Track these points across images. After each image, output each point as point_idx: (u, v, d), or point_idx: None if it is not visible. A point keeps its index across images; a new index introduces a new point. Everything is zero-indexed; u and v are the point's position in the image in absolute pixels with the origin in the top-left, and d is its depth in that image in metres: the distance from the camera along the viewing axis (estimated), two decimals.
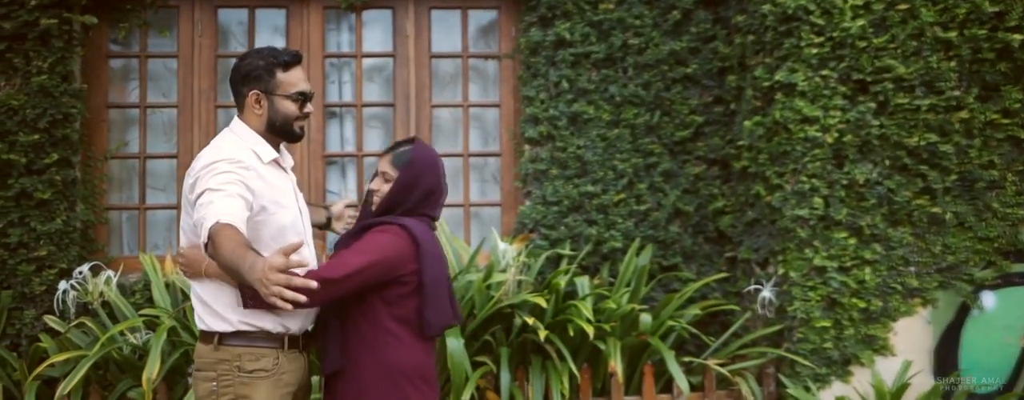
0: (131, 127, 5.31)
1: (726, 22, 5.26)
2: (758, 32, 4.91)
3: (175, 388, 4.45)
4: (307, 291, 2.25)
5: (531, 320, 4.49)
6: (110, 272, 4.56)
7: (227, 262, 2.31)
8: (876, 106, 4.74)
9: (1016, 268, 4.91)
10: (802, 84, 4.70)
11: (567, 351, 4.46)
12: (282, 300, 2.19)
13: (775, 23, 4.78)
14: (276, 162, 2.83)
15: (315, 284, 2.22)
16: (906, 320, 4.86)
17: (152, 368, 4.04)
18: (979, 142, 4.80)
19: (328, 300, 2.64)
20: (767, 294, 4.81)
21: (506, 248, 4.65)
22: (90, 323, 4.51)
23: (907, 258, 4.82)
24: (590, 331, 4.38)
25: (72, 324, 4.55)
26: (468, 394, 4.29)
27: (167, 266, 4.68)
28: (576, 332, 4.49)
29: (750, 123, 4.90)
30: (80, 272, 4.53)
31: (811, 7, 4.70)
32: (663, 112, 5.30)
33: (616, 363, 4.46)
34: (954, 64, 4.76)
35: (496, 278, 4.68)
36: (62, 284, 4.52)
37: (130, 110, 5.30)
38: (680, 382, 4.48)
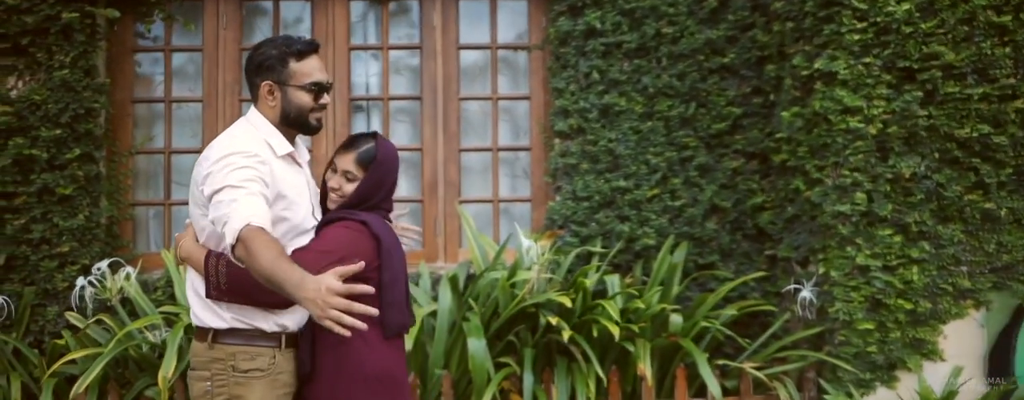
0: (157, 122, 5.27)
1: (765, 9, 5.03)
2: (797, 18, 4.68)
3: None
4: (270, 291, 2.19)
5: (555, 320, 4.33)
6: (129, 268, 4.51)
7: (266, 272, 2.27)
8: (923, 95, 4.49)
9: None
10: (843, 72, 4.46)
11: (593, 352, 4.30)
12: (339, 325, 2.15)
13: (814, 8, 4.55)
14: (291, 156, 2.73)
15: (376, 311, 2.18)
16: (957, 323, 4.61)
17: (168, 366, 3.97)
18: None
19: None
20: (807, 294, 4.58)
21: (530, 245, 4.48)
22: (108, 320, 4.46)
23: (958, 257, 4.56)
24: (615, 332, 4.21)
25: (91, 321, 4.50)
26: (490, 396, 4.17)
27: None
28: (601, 333, 4.32)
29: (788, 114, 4.67)
30: (98, 268, 4.48)
31: None
32: (699, 104, 5.09)
33: (645, 366, 4.30)
34: (1008, 50, 4.48)
35: (521, 276, 4.54)
36: (80, 280, 4.48)
37: (155, 104, 5.26)
38: (711, 386, 4.29)
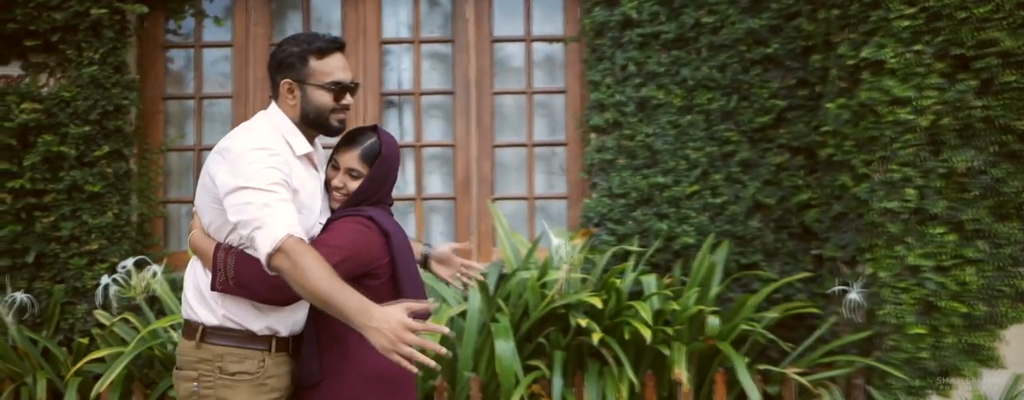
0: (187, 118, 5.22)
1: None
2: (843, 5, 4.45)
3: None
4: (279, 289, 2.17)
5: (584, 322, 4.16)
6: (156, 267, 4.45)
7: (322, 295, 2.21)
8: (979, 85, 4.22)
9: None
10: (892, 61, 4.21)
11: (625, 356, 4.12)
12: (408, 361, 2.12)
13: None
14: (309, 158, 2.62)
15: (445, 351, 2.12)
16: (1017, 328, 4.33)
17: None
18: None
19: (295, 300, 2.43)
20: (854, 296, 4.34)
21: (560, 244, 4.32)
22: (132, 319, 4.41)
23: (1016, 257, 4.27)
24: (647, 334, 4.03)
25: (116, 319, 4.46)
26: (517, 399, 4.01)
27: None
28: (632, 335, 4.13)
29: (834, 106, 4.44)
30: (123, 266, 4.43)
31: None
32: (741, 96, 4.87)
33: (681, 370, 4.11)
34: None
35: (552, 276, 4.38)
36: (103, 279, 4.44)
37: (186, 101, 5.21)
38: (750, 392, 4.08)
